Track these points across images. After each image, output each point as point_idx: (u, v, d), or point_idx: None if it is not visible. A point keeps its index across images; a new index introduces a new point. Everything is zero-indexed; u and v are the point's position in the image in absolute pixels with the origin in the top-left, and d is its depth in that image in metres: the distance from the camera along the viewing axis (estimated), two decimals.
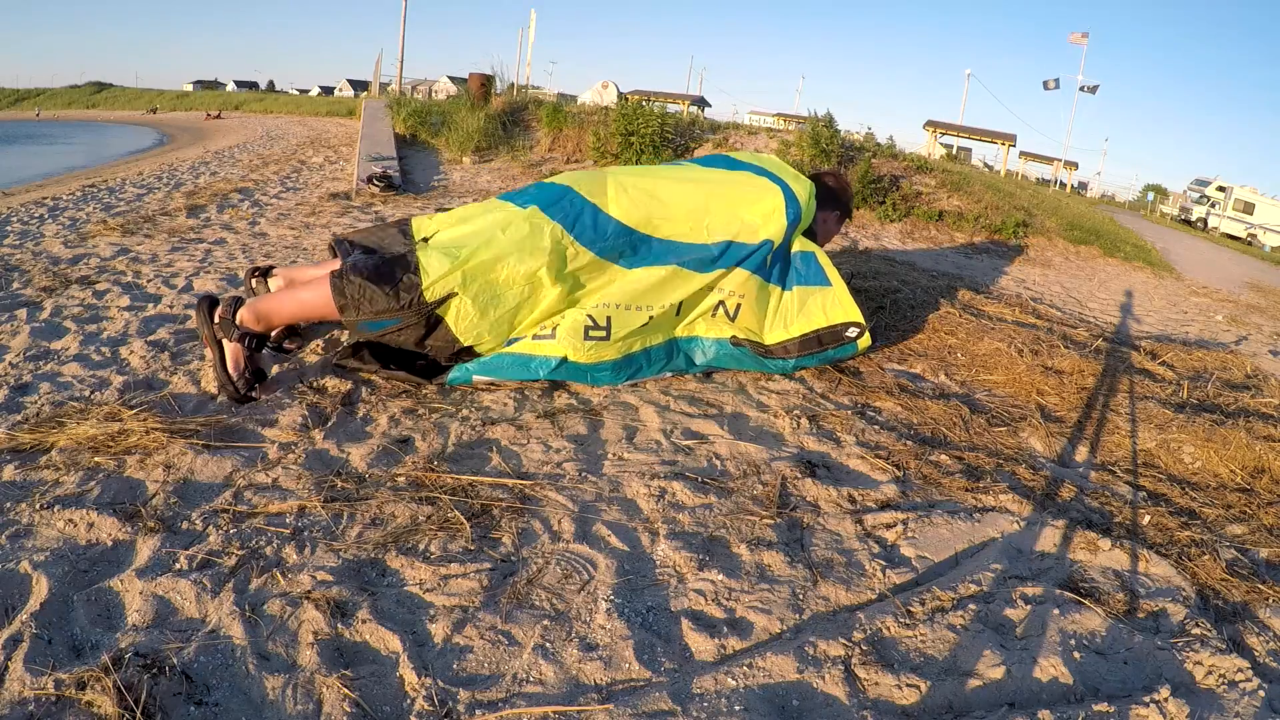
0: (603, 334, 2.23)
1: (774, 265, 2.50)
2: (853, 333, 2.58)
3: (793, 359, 2.53)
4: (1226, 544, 1.76)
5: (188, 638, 1.18)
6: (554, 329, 2.22)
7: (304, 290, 2.17)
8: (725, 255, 2.39)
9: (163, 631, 1.19)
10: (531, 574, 1.42)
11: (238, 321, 2.07)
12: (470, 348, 2.21)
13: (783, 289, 2.54)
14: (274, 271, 2.52)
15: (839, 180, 2.98)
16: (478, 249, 2.14)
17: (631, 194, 2.39)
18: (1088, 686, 1.23)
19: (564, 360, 2.22)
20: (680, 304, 2.37)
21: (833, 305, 2.55)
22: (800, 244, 2.56)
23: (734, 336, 2.47)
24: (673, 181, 2.50)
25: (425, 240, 2.24)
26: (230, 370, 2.02)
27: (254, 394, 2.03)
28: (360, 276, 2.06)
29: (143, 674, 1.09)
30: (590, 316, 2.22)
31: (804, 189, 2.58)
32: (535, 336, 2.22)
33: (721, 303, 2.43)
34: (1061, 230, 7.95)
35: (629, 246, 2.32)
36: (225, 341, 2.05)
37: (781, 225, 2.47)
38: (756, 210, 2.47)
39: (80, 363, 2.21)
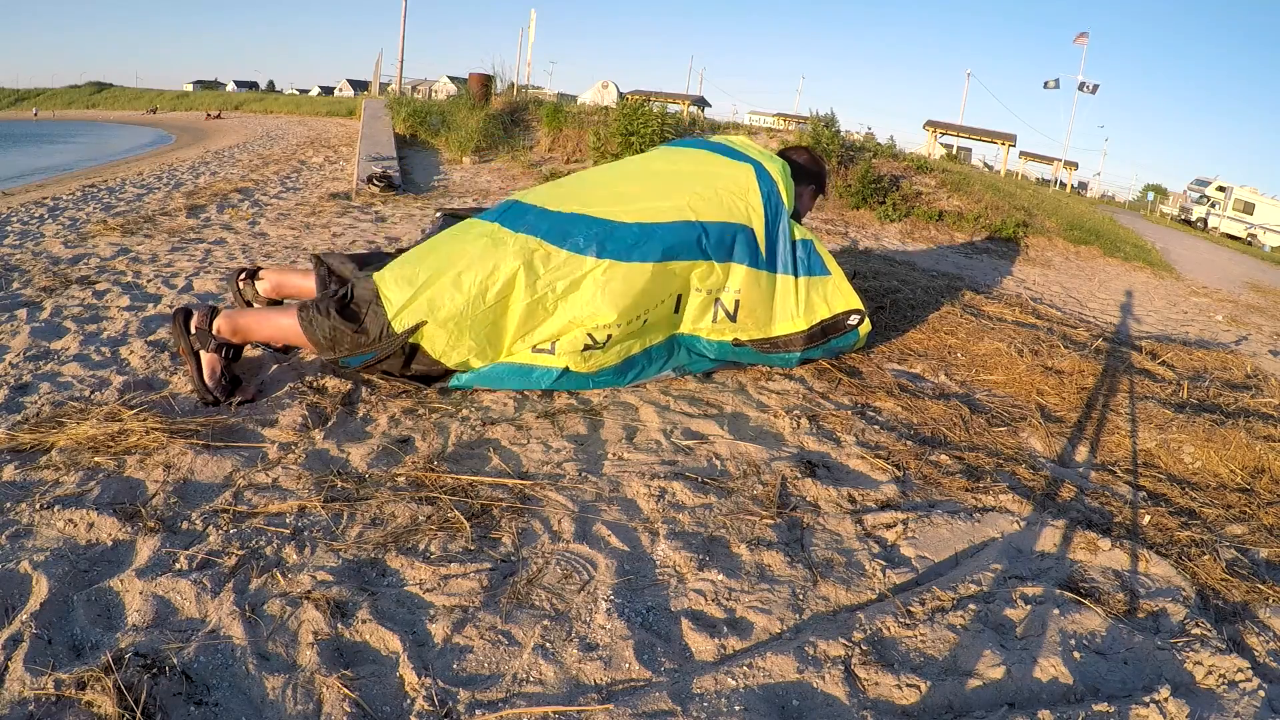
0: (600, 348, 2.21)
1: (769, 251, 2.45)
2: (854, 320, 2.57)
3: (797, 352, 2.53)
4: (1226, 544, 1.76)
5: (188, 638, 1.18)
6: (553, 344, 2.17)
7: (282, 317, 2.14)
8: (712, 237, 2.31)
9: (163, 631, 1.19)
10: (531, 574, 1.42)
11: (214, 331, 2.07)
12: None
13: (783, 275, 2.48)
14: (261, 273, 2.51)
15: (810, 155, 2.94)
16: (435, 271, 2.09)
17: (589, 190, 2.36)
18: (1088, 686, 1.23)
19: (565, 370, 2.21)
20: (677, 300, 2.34)
21: (834, 294, 2.54)
22: (798, 231, 2.52)
23: (736, 339, 2.46)
24: (631, 172, 2.47)
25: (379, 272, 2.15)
26: (207, 380, 2.01)
27: (232, 401, 2.02)
28: (327, 317, 2.03)
29: (143, 674, 1.09)
30: (590, 335, 2.17)
31: (775, 166, 2.52)
32: (535, 349, 2.18)
33: (719, 301, 2.40)
34: (1061, 230, 7.95)
35: (604, 236, 2.21)
36: (202, 352, 2.04)
37: (758, 203, 2.42)
38: (731, 187, 2.43)
39: (80, 363, 2.21)
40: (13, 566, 1.31)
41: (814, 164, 2.89)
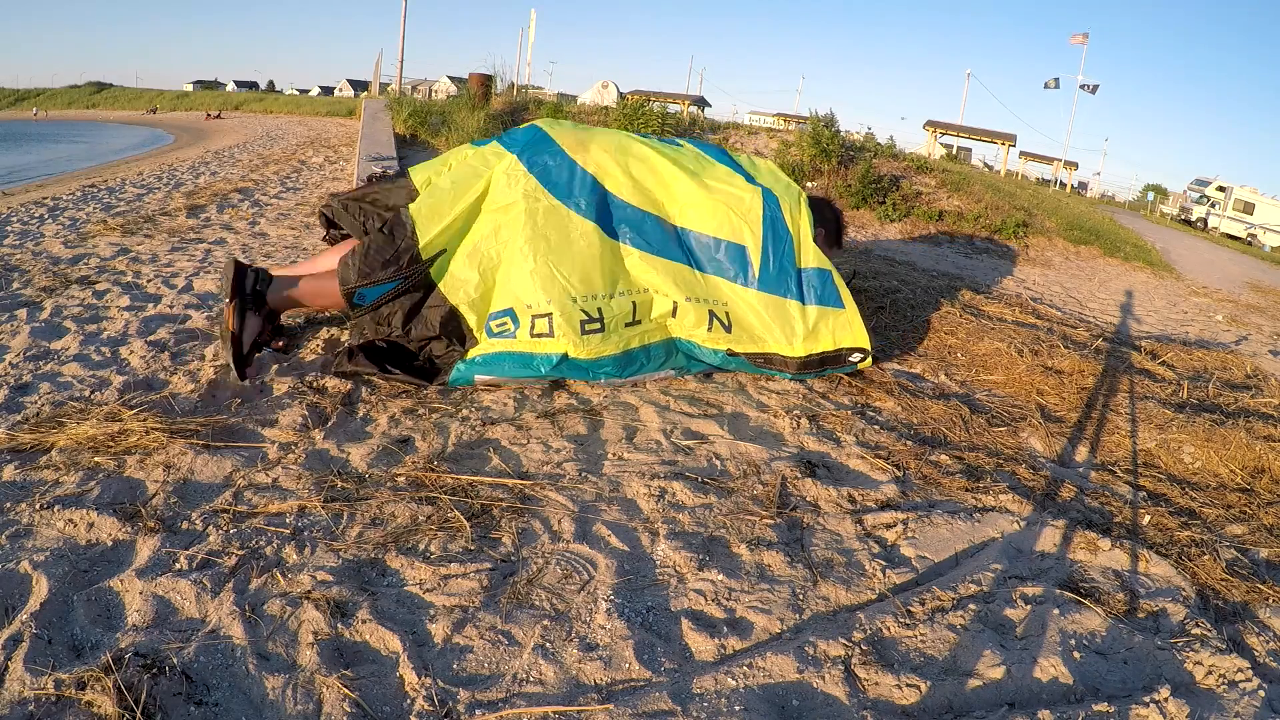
0: (597, 325, 2.25)
1: (763, 270, 2.45)
2: (856, 358, 2.55)
3: (790, 373, 2.51)
4: (1226, 544, 1.76)
5: (188, 638, 1.18)
6: (550, 325, 2.21)
7: (319, 278, 2.32)
8: (698, 247, 2.45)
9: (163, 631, 1.19)
10: (531, 574, 1.42)
11: (268, 302, 2.21)
12: (460, 343, 2.27)
13: (781, 298, 2.46)
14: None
15: (829, 202, 3.10)
16: (461, 206, 2.30)
17: (612, 156, 2.47)
18: (1088, 686, 1.23)
19: (565, 357, 2.22)
20: (674, 305, 2.38)
21: (842, 329, 2.51)
22: (817, 260, 2.52)
23: (730, 349, 2.45)
24: (660, 157, 2.54)
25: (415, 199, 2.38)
26: (247, 342, 2.10)
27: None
28: (362, 249, 2.25)
29: (143, 674, 1.09)
30: (583, 310, 2.25)
31: (790, 194, 2.60)
32: (534, 334, 2.21)
33: (712, 313, 2.41)
34: (1061, 230, 7.96)
35: (600, 207, 2.38)
36: (250, 314, 2.13)
37: (757, 224, 2.47)
38: (735, 205, 2.50)
39: (80, 363, 2.21)
40: (13, 566, 1.31)
41: (830, 209, 3.01)
